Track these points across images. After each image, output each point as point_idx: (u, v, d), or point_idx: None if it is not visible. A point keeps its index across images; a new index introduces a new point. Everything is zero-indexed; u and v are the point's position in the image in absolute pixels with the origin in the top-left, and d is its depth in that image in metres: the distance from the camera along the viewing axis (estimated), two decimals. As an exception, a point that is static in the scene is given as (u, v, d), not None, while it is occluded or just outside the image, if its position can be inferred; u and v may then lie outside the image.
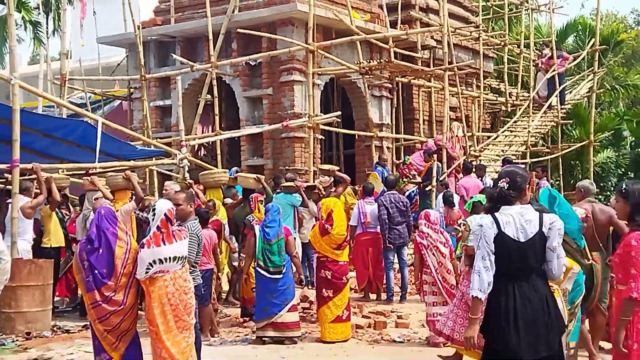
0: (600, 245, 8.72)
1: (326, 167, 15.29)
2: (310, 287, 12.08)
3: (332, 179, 13.91)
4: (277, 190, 12.77)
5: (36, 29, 30.31)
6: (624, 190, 5.17)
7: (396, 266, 13.03)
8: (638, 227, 4.96)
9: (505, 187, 4.90)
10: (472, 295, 4.96)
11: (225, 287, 12.67)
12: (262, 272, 9.80)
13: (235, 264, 11.89)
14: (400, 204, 12.83)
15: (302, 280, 11.70)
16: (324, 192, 12.86)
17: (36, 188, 11.07)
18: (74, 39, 20.73)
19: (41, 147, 11.92)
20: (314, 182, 14.04)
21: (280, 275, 9.78)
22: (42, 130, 11.79)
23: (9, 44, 12.03)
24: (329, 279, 10.07)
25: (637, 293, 4.79)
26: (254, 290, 10.46)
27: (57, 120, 14.09)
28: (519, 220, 4.88)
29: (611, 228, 8.94)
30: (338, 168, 15.71)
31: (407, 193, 15.22)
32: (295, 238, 10.99)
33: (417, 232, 10.60)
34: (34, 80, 17.23)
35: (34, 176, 10.92)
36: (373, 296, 12.95)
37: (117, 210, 8.50)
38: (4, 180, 11.33)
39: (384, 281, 12.82)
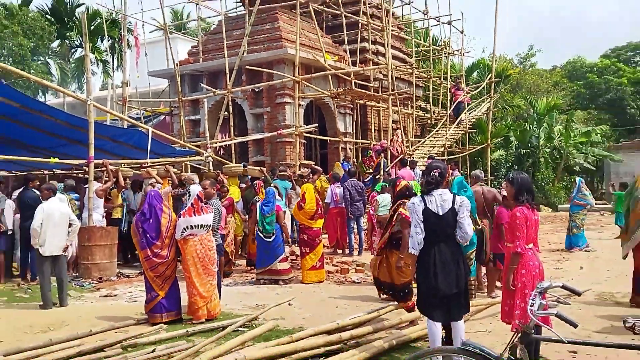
0: (488, 214, 8.95)
1: (306, 162, 15.56)
2: (296, 244, 12.25)
3: (310, 170, 14.10)
4: (274, 178, 12.90)
5: (105, 65, 30.37)
6: (511, 179, 5.30)
7: (356, 230, 13.18)
8: (521, 203, 5.11)
9: (437, 175, 5.21)
10: (409, 252, 5.33)
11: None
12: (261, 235, 10.01)
13: (246, 230, 12.11)
14: (358, 187, 13.00)
15: (289, 241, 11.94)
16: (306, 179, 13.10)
17: (106, 177, 11.30)
18: (132, 72, 20.82)
19: (108, 148, 12.00)
20: (299, 172, 14.24)
21: (272, 238, 9.97)
22: (109, 136, 11.93)
23: (86, 76, 12.20)
24: (306, 239, 10.29)
25: (520, 248, 5.04)
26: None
27: (120, 130, 14.33)
28: (439, 199, 5.22)
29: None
30: (314, 163, 15.93)
31: (366, 180, 15.61)
32: (285, 212, 11.08)
33: (369, 207, 10.81)
34: (103, 102, 17.33)
35: (104, 168, 11.18)
36: (340, 251, 13.07)
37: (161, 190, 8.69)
38: (84, 171, 11.51)
39: (347, 240, 13.05)
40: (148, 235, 7.18)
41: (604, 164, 30.26)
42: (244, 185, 12.73)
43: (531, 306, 3.35)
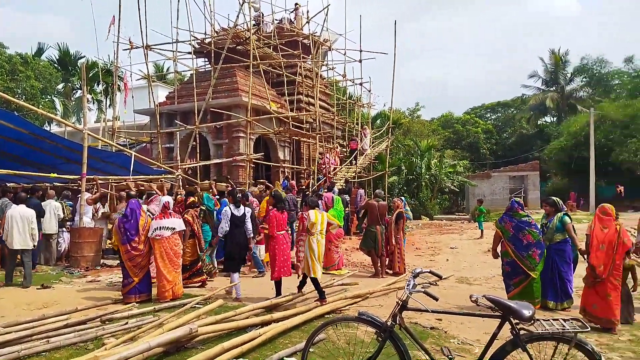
0: (380, 222, 9.02)
1: (261, 181, 15.37)
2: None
3: (265, 187, 13.86)
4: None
5: (99, 104, 29.25)
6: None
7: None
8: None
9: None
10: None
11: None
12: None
13: None
14: (294, 200, 12.67)
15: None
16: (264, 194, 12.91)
17: (95, 189, 10.78)
18: (121, 109, 20.07)
19: (99, 167, 11.60)
20: (249, 189, 13.93)
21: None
22: (100, 158, 11.57)
23: (83, 111, 11.68)
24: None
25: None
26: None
27: (109, 153, 13.72)
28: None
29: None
30: (264, 181, 15.76)
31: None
32: None
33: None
34: (97, 131, 16.65)
35: (94, 182, 10.66)
36: None
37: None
38: (77, 184, 10.93)
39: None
40: (128, 233, 6.92)
41: (464, 187, 31.65)
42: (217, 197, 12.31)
43: (407, 285, 3.34)
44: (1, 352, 4.32)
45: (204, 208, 9.07)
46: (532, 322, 2.99)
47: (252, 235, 7.46)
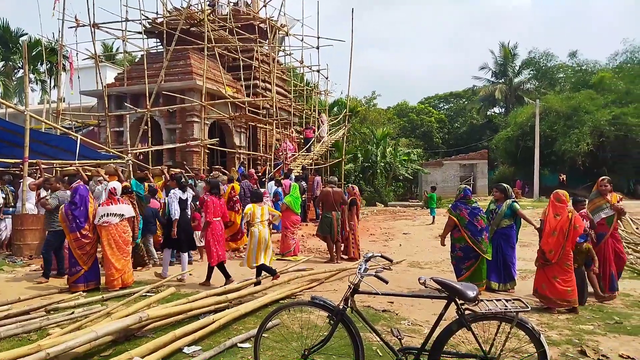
0: (335, 208, 9.08)
1: (217, 167, 14.91)
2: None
3: (219, 173, 13.60)
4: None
5: (43, 84, 27.62)
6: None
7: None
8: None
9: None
10: None
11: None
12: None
13: None
14: (250, 187, 12.54)
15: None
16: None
17: (39, 174, 10.20)
18: (67, 91, 19.00)
19: (42, 151, 10.95)
20: (205, 175, 13.58)
21: None
22: (43, 141, 10.96)
23: (25, 92, 10.96)
24: None
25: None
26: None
27: (53, 136, 13.00)
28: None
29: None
30: (219, 168, 15.41)
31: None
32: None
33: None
34: (40, 113, 15.73)
35: (37, 167, 10.10)
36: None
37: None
38: (19, 169, 10.32)
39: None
40: (78, 220, 6.68)
41: (418, 175, 32.44)
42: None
43: (359, 269, 3.38)
44: None
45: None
46: (477, 302, 3.12)
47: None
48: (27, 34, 29.40)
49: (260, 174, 16.11)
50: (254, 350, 3.59)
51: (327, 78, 24.96)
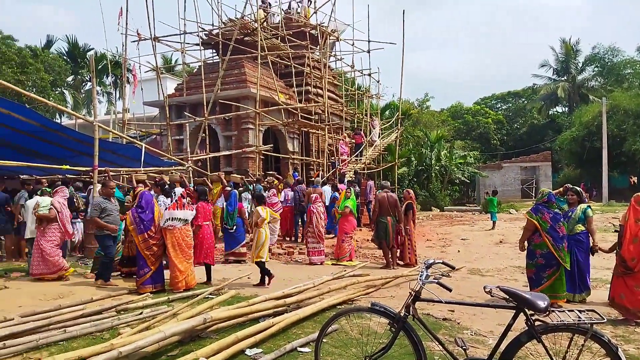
0: (391, 213, 9.02)
1: (271, 172, 15.33)
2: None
3: (275, 178, 13.92)
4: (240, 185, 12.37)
5: (109, 96, 29.43)
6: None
7: (301, 223, 12.98)
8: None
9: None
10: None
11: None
12: (227, 227, 9.76)
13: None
14: (303, 192, 12.86)
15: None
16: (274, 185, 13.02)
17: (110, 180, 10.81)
18: (130, 101, 20.14)
19: (110, 159, 11.59)
20: (267, 180, 13.92)
21: (234, 229, 9.70)
22: (111, 150, 11.53)
23: (93, 104, 11.68)
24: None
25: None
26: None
27: (119, 145, 13.79)
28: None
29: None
30: (275, 173, 15.75)
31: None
32: (247, 207, 10.80)
33: (309, 206, 10.47)
34: (107, 124, 16.72)
35: (106, 174, 10.72)
36: (288, 238, 13.01)
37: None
38: (89, 176, 10.98)
39: (294, 231, 12.97)
40: (145, 222, 7.02)
41: (475, 178, 31.46)
42: (228, 189, 12.33)
43: (420, 276, 3.31)
44: (20, 341, 4.40)
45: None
46: (547, 313, 2.98)
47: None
48: (93, 48, 31.49)
49: (313, 178, 16.26)
50: (315, 354, 3.60)
51: (378, 81, 24.88)
